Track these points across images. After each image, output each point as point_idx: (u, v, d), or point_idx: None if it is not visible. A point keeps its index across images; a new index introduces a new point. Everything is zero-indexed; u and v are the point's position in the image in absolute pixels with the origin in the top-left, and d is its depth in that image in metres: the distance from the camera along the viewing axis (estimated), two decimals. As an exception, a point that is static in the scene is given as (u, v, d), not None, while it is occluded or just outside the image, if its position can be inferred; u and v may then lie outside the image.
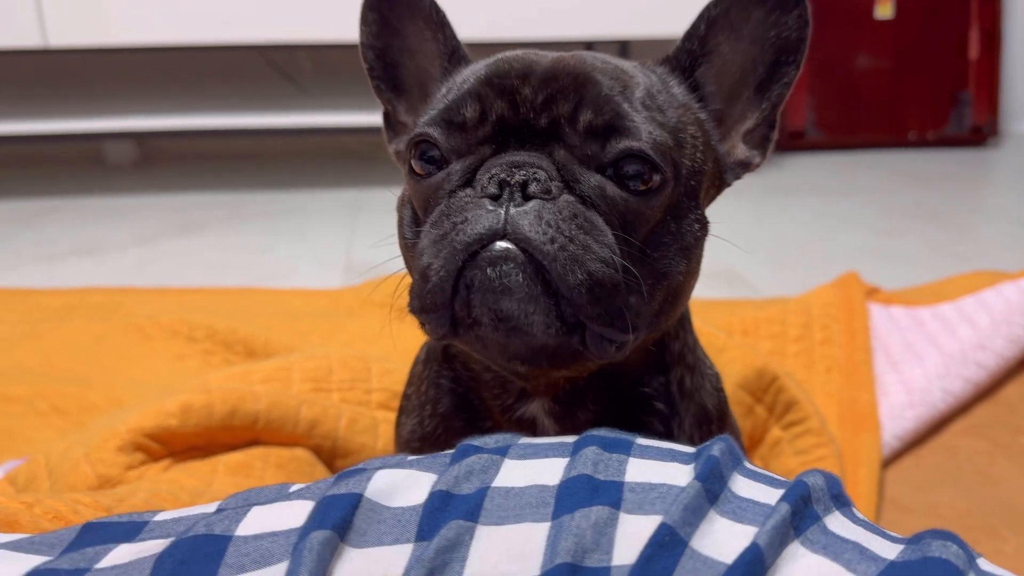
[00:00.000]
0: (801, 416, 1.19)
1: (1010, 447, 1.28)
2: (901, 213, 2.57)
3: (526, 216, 0.59)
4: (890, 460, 1.25)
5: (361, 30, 0.79)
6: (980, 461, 1.25)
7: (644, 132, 0.63)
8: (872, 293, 1.70)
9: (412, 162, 0.67)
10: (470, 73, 0.69)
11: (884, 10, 3.37)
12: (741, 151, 0.77)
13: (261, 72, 3.16)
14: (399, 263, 0.75)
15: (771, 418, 1.21)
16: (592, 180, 0.62)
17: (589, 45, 2.99)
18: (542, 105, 0.63)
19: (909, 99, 3.42)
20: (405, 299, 0.68)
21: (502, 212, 0.59)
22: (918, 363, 1.42)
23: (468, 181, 0.63)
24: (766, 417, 1.21)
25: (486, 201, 0.60)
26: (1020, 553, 1.06)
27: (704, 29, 0.73)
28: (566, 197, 0.61)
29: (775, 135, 0.77)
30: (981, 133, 3.45)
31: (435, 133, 0.65)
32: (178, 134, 2.65)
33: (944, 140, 3.45)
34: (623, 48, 2.86)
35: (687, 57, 0.74)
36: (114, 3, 2.42)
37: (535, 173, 0.60)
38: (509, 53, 0.70)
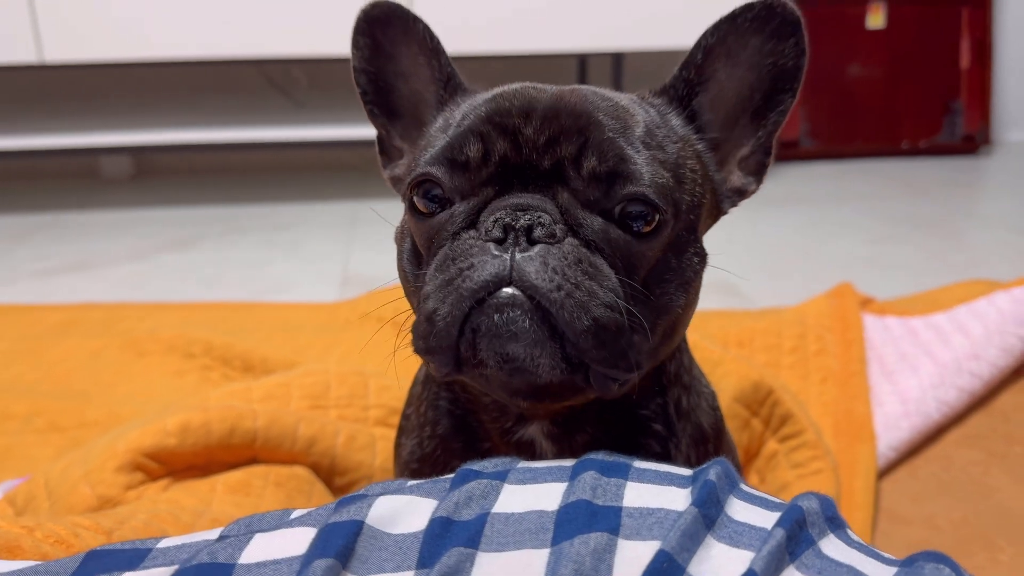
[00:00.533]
0: (797, 429, 1.19)
1: (1005, 456, 1.29)
2: (895, 222, 2.59)
3: (532, 263, 0.59)
4: (885, 471, 1.26)
5: (353, 54, 0.79)
6: (975, 471, 1.26)
7: (647, 176, 0.63)
8: (866, 303, 1.71)
9: (415, 199, 0.67)
10: (469, 109, 0.68)
11: (876, 20, 3.39)
12: (737, 178, 0.77)
13: (256, 86, 3.17)
14: (396, 277, 0.76)
15: (767, 431, 1.22)
16: (596, 224, 0.63)
17: (583, 58, 3.01)
18: (545, 146, 0.63)
19: (902, 108, 3.44)
20: (402, 312, 0.69)
21: (507, 258, 0.59)
22: (912, 373, 1.43)
23: (472, 223, 0.63)
24: (762, 430, 1.22)
25: (491, 246, 0.60)
26: (1015, 563, 1.07)
27: (701, 57, 0.73)
28: (570, 241, 0.61)
29: (771, 161, 0.77)
30: (973, 142, 3.47)
31: (438, 173, 0.65)
32: (174, 148, 2.66)
33: (937, 149, 3.46)
34: (617, 60, 2.87)
35: (684, 86, 0.74)
36: (109, 18, 2.43)
37: (539, 217, 0.61)
38: (508, 88, 0.69)
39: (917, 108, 3.44)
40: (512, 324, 0.59)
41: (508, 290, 0.59)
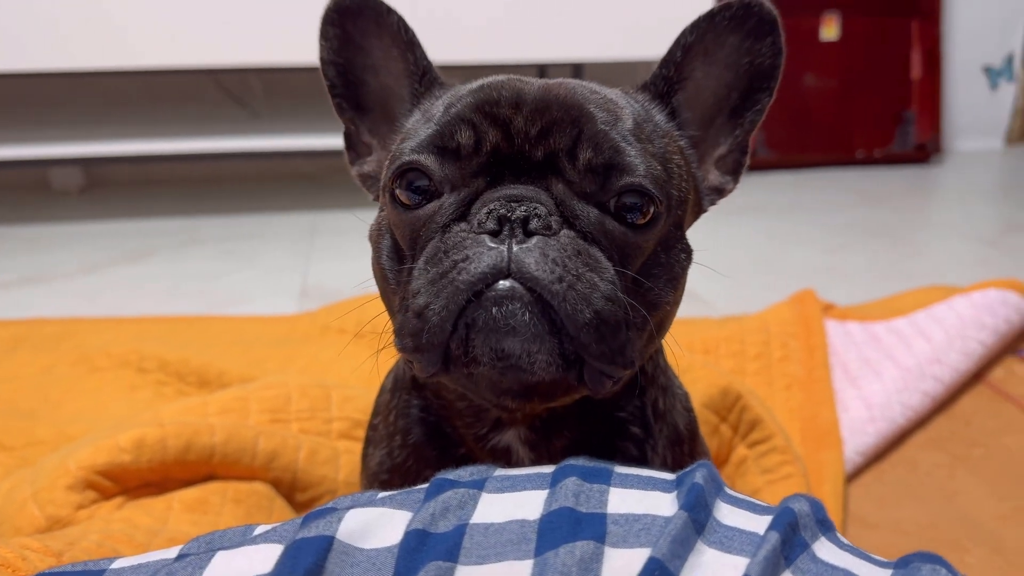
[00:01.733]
0: (766, 434, 1.19)
1: (967, 459, 1.30)
2: (851, 230, 2.62)
3: (530, 254, 0.57)
4: (852, 476, 1.26)
5: (321, 45, 0.76)
6: (940, 474, 1.27)
7: (642, 167, 0.62)
8: (828, 309, 1.72)
9: (397, 191, 0.64)
10: (454, 99, 0.66)
11: (830, 32, 3.45)
12: (714, 177, 0.77)
13: (211, 96, 3.12)
14: (357, 287, 0.73)
15: (736, 437, 1.21)
16: (592, 215, 0.61)
17: (543, 68, 3.01)
18: (537, 137, 0.62)
19: (856, 118, 3.50)
20: (366, 323, 0.66)
21: (504, 250, 0.57)
22: (876, 378, 1.44)
23: (463, 215, 0.61)
24: (731, 436, 1.21)
25: (486, 237, 0.58)
26: (982, 564, 1.07)
27: (680, 55, 0.73)
28: (567, 232, 0.59)
29: (747, 160, 0.77)
30: (925, 150, 3.54)
31: (426, 161, 0.63)
32: (126, 159, 2.59)
33: (890, 158, 3.53)
34: (576, 71, 2.88)
35: (664, 83, 0.73)
36: (59, 27, 2.37)
37: (535, 208, 0.59)
38: (495, 79, 0.68)
39: (870, 118, 3.50)
40: (511, 318, 0.56)
41: (506, 282, 0.57)
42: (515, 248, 0.57)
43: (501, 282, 0.57)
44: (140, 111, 2.98)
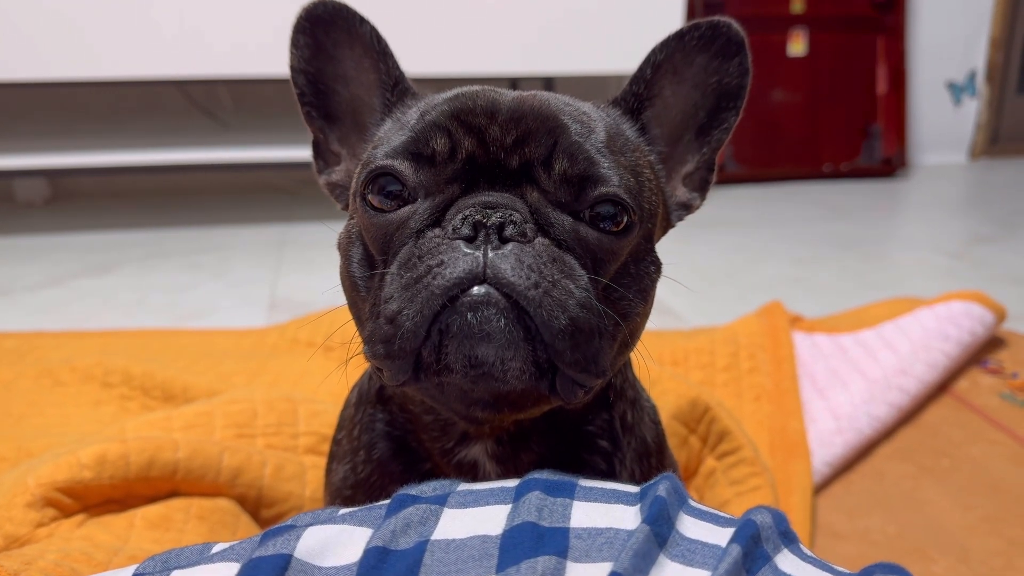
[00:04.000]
0: (734, 446, 1.19)
1: (934, 470, 1.31)
2: (819, 242, 2.65)
3: (506, 260, 0.57)
4: (821, 487, 1.26)
5: (292, 53, 0.75)
6: (906, 485, 1.28)
7: (616, 177, 0.63)
8: (795, 321, 1.73)
9: (369, 196, 0.63)
10: (428, 107, 0.66)
11: (797, 48, 3.49)
12: (682, 193, 0.78)
13: (179, 107, 3.09)
14: (327, 300, 0.72)
15: (705, 448, 1.21)
16: (566, 223, 0.61)
17: (514, 81, 3.02)
18: (513, 146, 0.62)
19: (823, 133, 3.55)
20: (339, 337, 0.65)
21: (480, 255, 0.57)
22: (843, 389, 1.45)
23: (436, 220, 0.60)
24: (700, 448, 1.21)
25: (461, 243, 0.57)
26: (949, 573, 1.08)
27: (650, 73, 0.73)
28: (541, 240, 0.59)
29: (714, 177, 0.78)
30: (891, 164, 3.59)
31: (400, 167, 0.62)
32: (93, 171, 2.56)
33: (857, 171, 3.58)
34: (547, 84, 2.89)
35: (634, 99, 0.74)
36: (24, 37, 2.34)
37: (511, 215, 0.59)
38: (469, 88, 0.68)
39: (837, 132, 3.55)
40: (486, 324, 0.56)
41: (482, 288, 0.56)
42: (491, 254, 0.57)
43: (476, 288, 0.56)
44: (107, 122, 2.95)
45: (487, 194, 0.60)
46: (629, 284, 0.65)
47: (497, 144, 0.62)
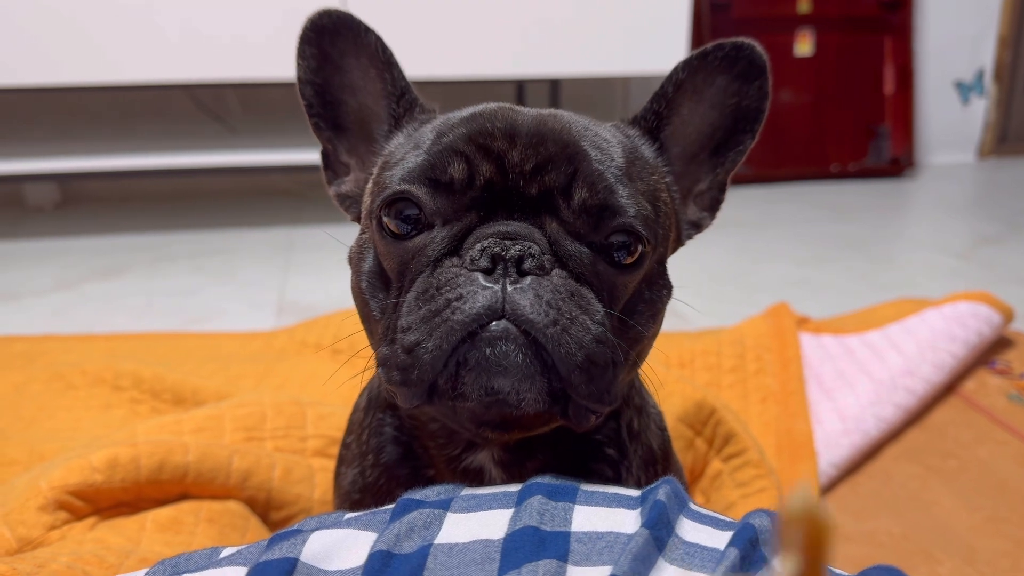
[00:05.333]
0: (740, 448, 1.19)
1: (941, 471, 1.31)
2: (826, 243, 2.64)
3: (525, 295, 0.57)
4: (827, 488, 1.27)
5: (298, 64, 0.75)
6: (913, 486, 1.28)
7: (633, 208, 0.62)
8: (802, 322, 1.73)
9: (386, 220, 0.63)
10: (446, 127, 0.65)
11: (804, 48, 3.49)
12: (692, 211, 0.78)
13: (187, 111, 3.11)
14: (334, 303, 0.73)
15: (711, 451, 1.21)
16: (584, 255, 0.61)
17: (520, 83, 3.03)
18: (532, 172, 0.61)
19: (830, 133, 3.54)
20: (346, 342, 0.66)
21: (499, 290, 0.57)
22: (850, 390, 1.45)
23: (454, 249, 0.60)
24: (706, 450, 1.21)
25: (479, 276, 0.58)
26: (955, 575, 1.08)
27: (672, 91, 0.73)
28: (559, 272, 0.59)
29: (724, 197, 0.79)
30: (898, 164, 3.58)
31: (418, 192, 0.62)
32: (102, 175, 2.57)
33: (864, 172, 3.57)
34: (553, 86, 2.90)
35: (654, 118, 0.74)
36: (35, 42, 2.35)
37: (529, 248, 0.58)
38: (487, 107, 0.67)
39: (844, 133, 3.55)
40: (504, 359, 0.56)
41: (500, 323, 0.57)
42: (509, 288, 0.57)
43: (495, 323, 0.57)
44: (116, 127, 2.96)
45: (506, 223, 0.60)
46: (643, 309, 0.66)
47: (516, 170, 0.61)
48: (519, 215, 0.61)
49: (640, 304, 0.65)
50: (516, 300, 0.57)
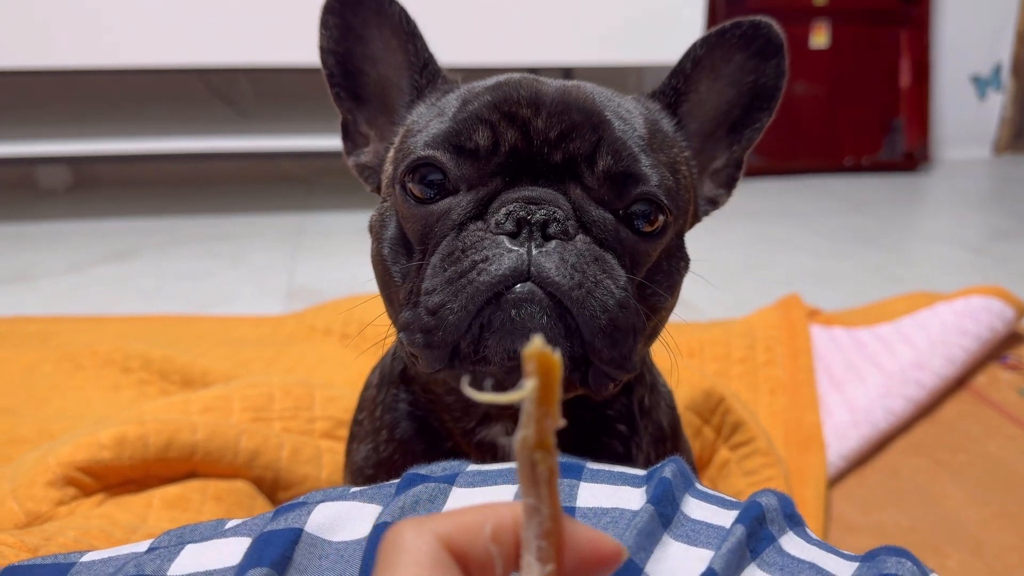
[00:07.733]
0: (748, 437, 1.19)
1: (949, 464, 1.31)
2: (839, 236, 2.63)
3: (550, 258, 0.57)
4: (835, 480, 1.26)
5: (321, 34, 0.75)
6: (922, 479, 1.27)
7: (656, 177, 0.63)
8: (813, 315, 1.73)
9: (410, 185, 0.63)
10: (470, 95, 0.66)
11: (819, 40, 3.46)
12: (709, 188, 0.79)
13: (200, 96, 3.11)
14: (344, 288, 0.73)
15: (719, 439, 1.21)
16: (608, 221, 0.62)
17: (534, 71, 3.02)
18: (556, 140, 0.61)
19: (844, 126, 3.52)
20: (356, 326, 0.66)
21: (524, 252, 0.57)
22: (860, 383, 1.44)
23: (479, 214, 0.60)
24: (714, 438, 1.21)
25: (504, 239, 0.58)
26: (963, 568, 1.07)
27: (690, 67, 0.74)
28: (582, 238, 0.59)
29: (741, 175, 0.79)
30: (913, 159, 3.56)
31: (443, 158, 0.62)
32: (114, 158, 2.58)
33: (878, 165, 3.54)
34: (567, 75, 2.89)
35: (673, 93, 0.74)
36: (47, 25, 2.36)
37: (554, 212, 0.59)
38: (512, 77, 0.68)
39: (859, 126, 3.52)
40: (529, 321, 0.57)
41: (526, 286, 0.57)
42: (534, 252, 0.58)
43: (520, 285, 0.57)
44: (128, 110, 2.97)
45: (530, 189, 0.60)
46: (661, 280, 0.66)
47: (541, 138, 0.62)
48: (543, 181, 0.61)
49: (659, 275, 0.66)
50: (541, 263, 0.57)
